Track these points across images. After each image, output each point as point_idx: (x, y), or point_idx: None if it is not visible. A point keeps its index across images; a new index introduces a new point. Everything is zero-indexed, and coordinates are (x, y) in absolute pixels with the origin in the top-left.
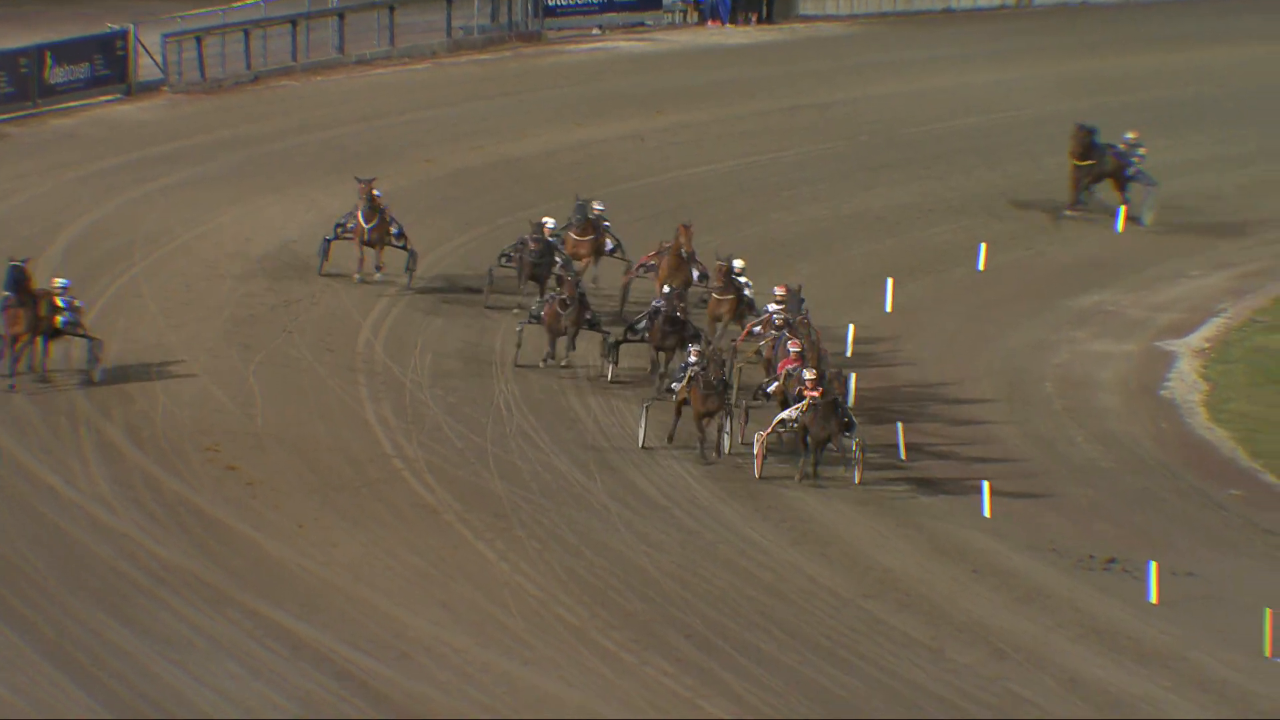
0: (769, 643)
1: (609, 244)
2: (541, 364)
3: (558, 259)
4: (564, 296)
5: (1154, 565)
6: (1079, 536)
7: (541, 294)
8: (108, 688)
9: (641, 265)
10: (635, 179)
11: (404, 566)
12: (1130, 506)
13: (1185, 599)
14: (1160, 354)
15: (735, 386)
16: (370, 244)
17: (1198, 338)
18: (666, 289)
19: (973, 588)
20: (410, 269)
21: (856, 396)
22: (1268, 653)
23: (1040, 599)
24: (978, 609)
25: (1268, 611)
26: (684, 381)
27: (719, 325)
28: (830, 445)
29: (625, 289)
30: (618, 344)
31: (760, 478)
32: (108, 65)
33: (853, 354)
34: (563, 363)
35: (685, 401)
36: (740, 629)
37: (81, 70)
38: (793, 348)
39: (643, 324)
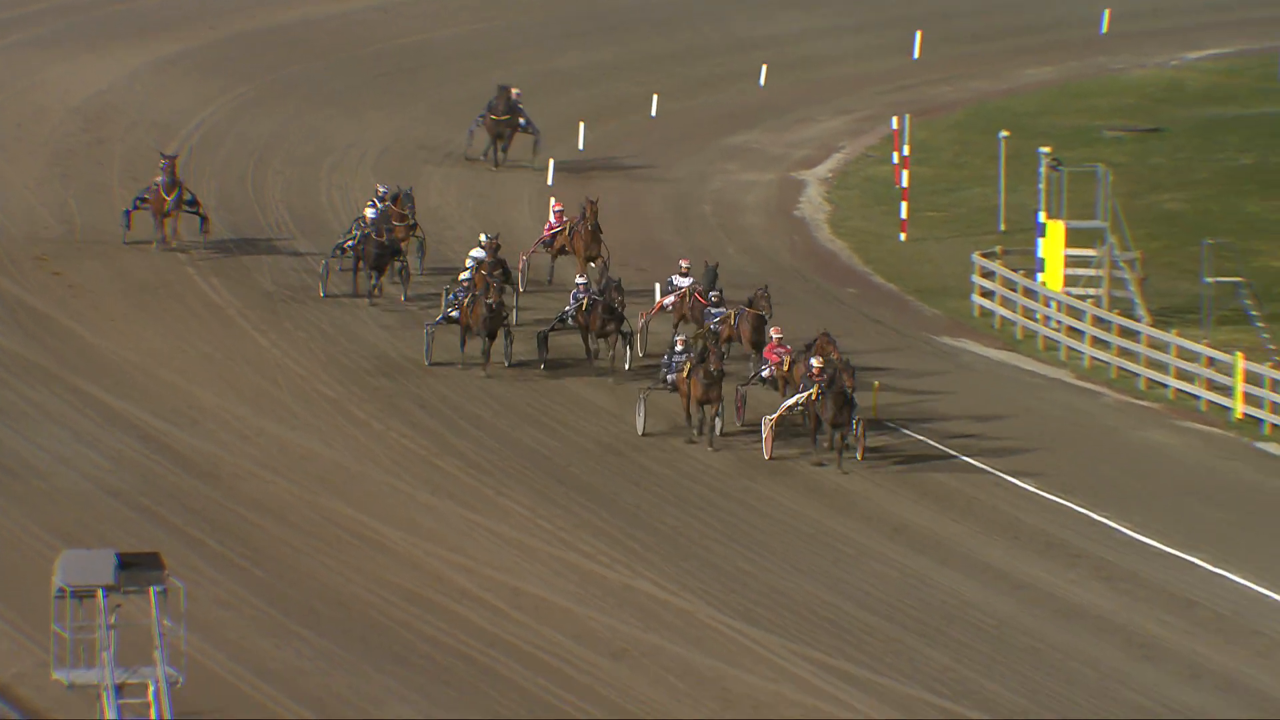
0: (488, 412)
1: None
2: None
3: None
4: (491, 301)
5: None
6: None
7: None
8: None
9: (541, 242)
10: (382, 42)
11: (195, 352)
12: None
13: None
14: (794, 182)
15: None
16: (169, 214)
17: (823, 169)
18: (584, 279)
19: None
20: (204, 232)
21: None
22: (874, 414)
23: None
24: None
25: (875, 383)
26: (683, 371)
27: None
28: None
29: (524, 268)
30: (546, 335)
31: (770, 459)
32: None
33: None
34: (487, 371)
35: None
36: (465, 401)
37: None
38: (775, 333)
39: (569, 309)
